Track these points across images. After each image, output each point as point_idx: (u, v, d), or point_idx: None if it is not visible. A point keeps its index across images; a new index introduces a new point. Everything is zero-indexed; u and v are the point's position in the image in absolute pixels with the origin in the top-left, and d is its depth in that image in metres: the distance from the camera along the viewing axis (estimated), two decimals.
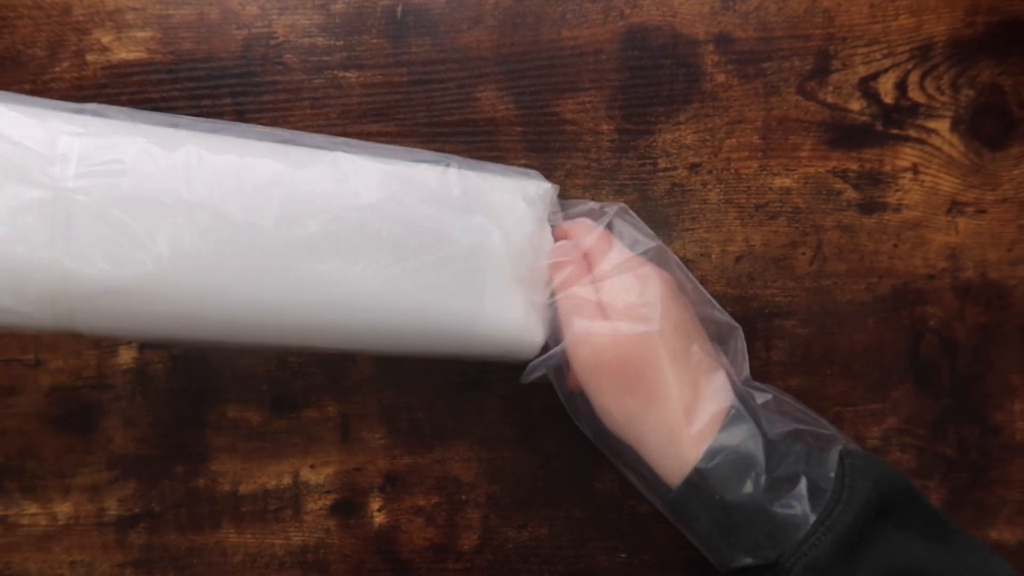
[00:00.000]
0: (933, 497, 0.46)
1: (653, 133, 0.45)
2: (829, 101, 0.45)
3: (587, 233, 0.39)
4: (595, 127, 0.45)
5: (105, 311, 0.33)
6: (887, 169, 0.45)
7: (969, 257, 0.46)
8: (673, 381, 0.36)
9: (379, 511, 0.46)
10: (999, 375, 0.46)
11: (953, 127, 0.45)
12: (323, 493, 0.46)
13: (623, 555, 0.46)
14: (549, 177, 0.42)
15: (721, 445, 0.35)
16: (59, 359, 0.45)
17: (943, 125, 0.45)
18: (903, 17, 0.45)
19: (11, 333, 0.45)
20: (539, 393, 0.45)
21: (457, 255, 0.37)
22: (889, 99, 0.45)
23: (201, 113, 0.44)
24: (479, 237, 0.38)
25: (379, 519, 0.46)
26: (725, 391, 0.37)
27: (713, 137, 0.45)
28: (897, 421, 0.46)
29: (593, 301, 0.37)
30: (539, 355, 0.39)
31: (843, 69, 0.45)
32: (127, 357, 0.45)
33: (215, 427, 0.45)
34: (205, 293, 0.34)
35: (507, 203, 0.39)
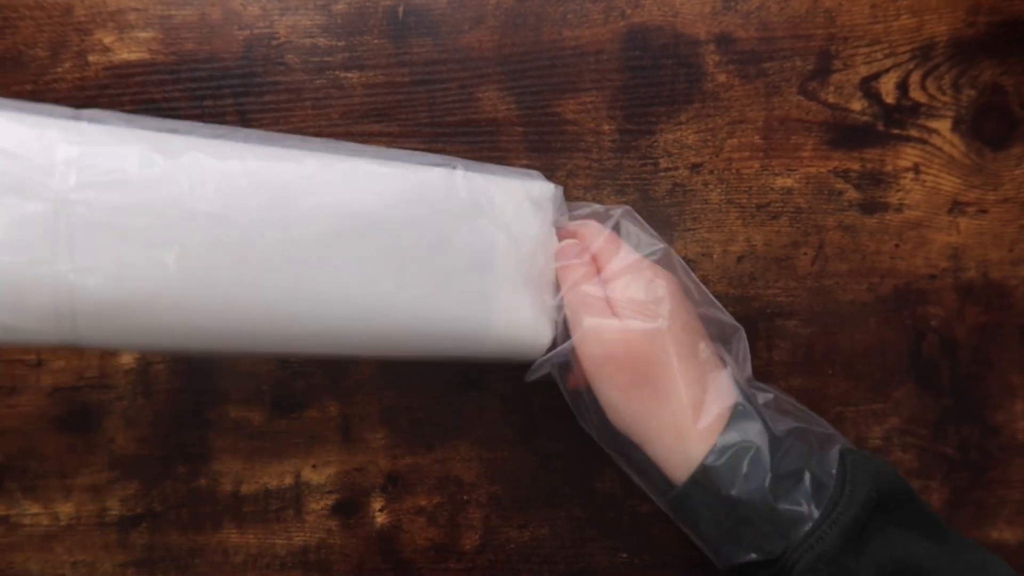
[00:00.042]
0: (934, 497, 0.46)
1: (654, 133, 0.45)
2: (830, 101, 0.45)
3: (595, 235, 0.40)
4: (596, 127, 0.45)
5: (112, 325, 0.32)
6: (888, 169, 0.45)
7: (970, 257, 0.46)
8: (681, 377, 0.36)
9: (380, 511, 0.46)
10: (1000, 375, 0.46)
11: (954, 127, 0.45)
12: (324, 493, 0.46)
13: (624, 555, 0.46)
14: (550, 177, 0.42)
15: (728, 442, 0.35)
16: (61, 359, 0.45)
17: (944, 125, 0.45)
18: (904, 17, 0.45)
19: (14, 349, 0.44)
20: (540, 393, 0.45)
21: (466, 259, 0.37)
22: (890, 99, 0.45)
23: (203, 113, 0.44)
24: (487, 240, 0.38)
25: (380, 519, 0.46)
26: (731, 388, 0.37)
27: (714, 137, 0.45)
28: (898, 421, 0.46)
29: (602, 298, 0.38)
30: (545, 353, 0.39)
31: (844, 69, 0.45)
32: (128, 357, 0.45)
33: (216, 427, 0.45)
34: (215, 303, 0.33)
35: (513, 205, 0.39)
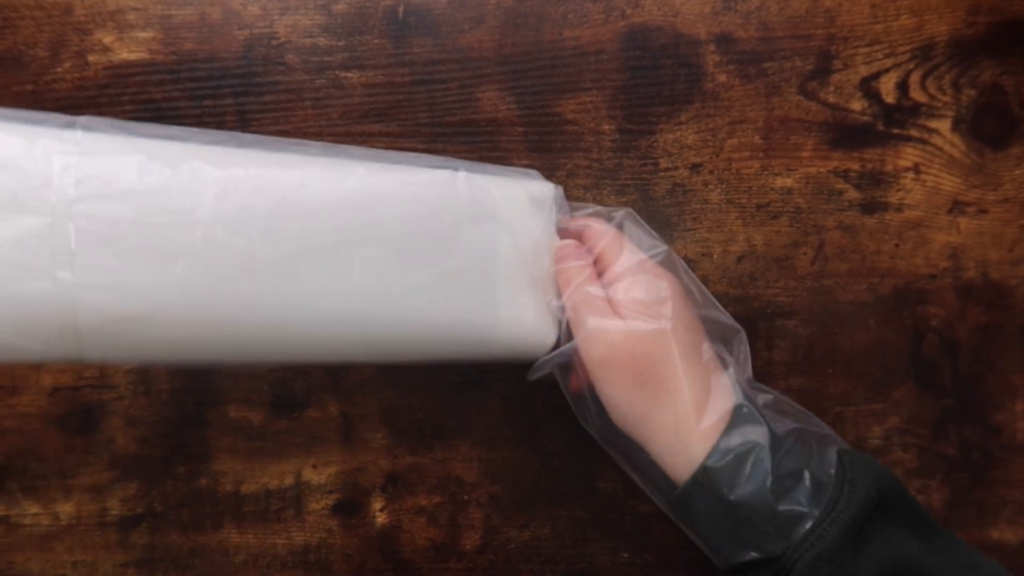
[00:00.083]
0: (935, 497, 0.46)
1: (654, 133, 0.45)
2: (830, 101, 0.45)
3: (601, 234, 0.40)
4: (596, 127, 0.45)
5: (117, 341, 0.31)
6: (888, 169, 0.45)
7: (971, 257, 0.46)
8: (684, 379, 0.36)
9: (381, 511, 0.46)
10: (1000, 375, 0.46)
11: (954, 127, 0.45)
12: (325, 493, 0.46)
13: (625, 555, 0.46)
14: (550, 177, 0.42)
15: (730, 443, 0.35)
16: None
17: (944, 125, 0.45)
18: (904, 17, 0.45)
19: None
20: (540, 393, 0.45)
21: (470, 261, 0.37)
22: (890, 99, 0.45)
23: (203, 113, 0.44)
24: (490, 242, 0.38)
25: (381, 519, 0.46)
26: (733, 390, 0.38)
27: (714, 137, 0.45)
28: (899, 421, 0.46)
29: (605, 299, 0.38)
30: (548, 353, 0.39)
31: (844, 69, 0.45)
32: None
33: (217, 427, 0.45)
34: (221, 314, 0.32)
35: (516, 206, 0.39)
